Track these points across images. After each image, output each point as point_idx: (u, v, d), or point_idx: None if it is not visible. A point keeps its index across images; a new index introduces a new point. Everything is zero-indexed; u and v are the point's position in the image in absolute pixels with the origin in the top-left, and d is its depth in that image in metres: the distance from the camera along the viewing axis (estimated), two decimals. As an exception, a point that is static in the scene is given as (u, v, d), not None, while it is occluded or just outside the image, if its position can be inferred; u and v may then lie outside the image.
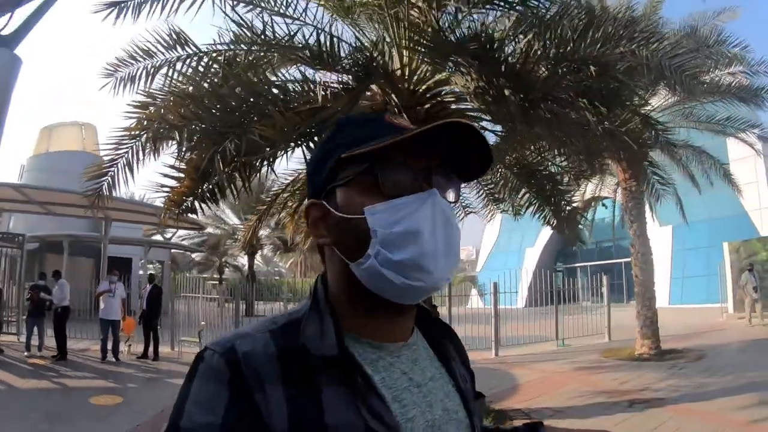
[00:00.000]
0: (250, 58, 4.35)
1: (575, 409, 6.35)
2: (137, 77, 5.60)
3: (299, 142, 4.68)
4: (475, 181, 7.56)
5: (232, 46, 4.68)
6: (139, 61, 5.52)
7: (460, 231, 0.75)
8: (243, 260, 27.97)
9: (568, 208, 7.91)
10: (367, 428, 0.64)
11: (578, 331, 12.57)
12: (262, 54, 4.43)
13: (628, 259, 26.42)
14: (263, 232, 22.31)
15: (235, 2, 4.58)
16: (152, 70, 5.51)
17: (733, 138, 18.84)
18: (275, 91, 4.37)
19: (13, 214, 17.69)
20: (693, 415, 5.78)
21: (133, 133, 5.13)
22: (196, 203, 5.22)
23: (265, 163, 4.80)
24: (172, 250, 21.93)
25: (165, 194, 5.45)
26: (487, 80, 4.15)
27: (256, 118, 4.07)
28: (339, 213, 0.72)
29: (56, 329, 9.82)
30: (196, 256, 31.06)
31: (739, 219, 21.13)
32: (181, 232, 21.72)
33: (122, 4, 4.60)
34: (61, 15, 20.73)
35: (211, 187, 5.00)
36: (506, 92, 4.45)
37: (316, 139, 4.53)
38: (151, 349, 10.36)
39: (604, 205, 19.19)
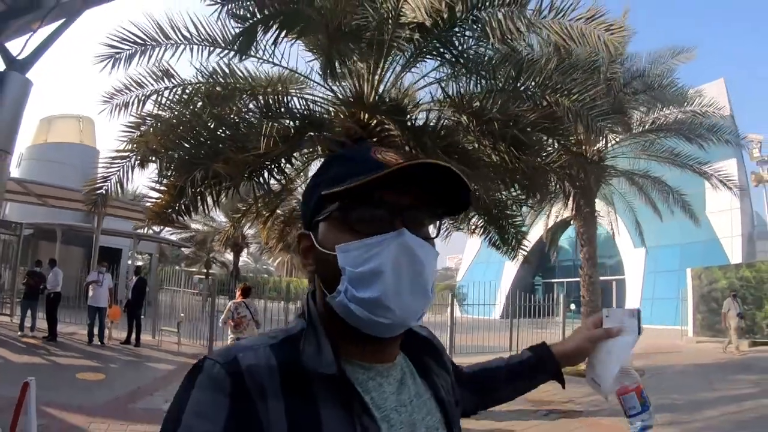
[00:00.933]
0: (215, 110, 5.66)
1: (493, 413, 7.46)
2: (131, 103, 6.94)
3: (252, 177, 6.01)
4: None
5: (209, 80, 6.06)
6: (132, 91, 6.86)
7: (431, 268, 0.78)
8: (230, 257, 29.19)
9: (512, 230, 9.12)
10: None
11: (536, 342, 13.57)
12: (224, 98, 5.77)
13: (607, 278, 27.77)
14: (250, 231, 23.51)
15: (207, 53, 5.93)
16: (143, 98, 6.86)
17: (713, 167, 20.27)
18: (228, 132, 5.69)
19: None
20: (599, 428, 6.47)
21: (123, 154, 6.48)
22: (174, 215, 6.54)
23: (228, 190, 6.10)
24: (162, 244, 23.30)
25: (152, 201, 6.81)
26: (402, 130, 5.45)
27: (218, 155, 5.37)
28: (319, 247, 0.78)
29: (48, 313, 11.12)
30: (185, 250, 32.34)
31: (711, 245, 22.32)
32: (169, 227, 23.02)
33: (116, 57, 5.90)
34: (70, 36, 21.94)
35: (186, 202, 6.30)
36: (424, 139, 5.77)
37: (265, 174, 5.87)
38: (133, 336, 11.67)
39: (599, 223, 20.20)
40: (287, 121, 5.58)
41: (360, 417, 0.71)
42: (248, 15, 4.75)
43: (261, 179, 6.01)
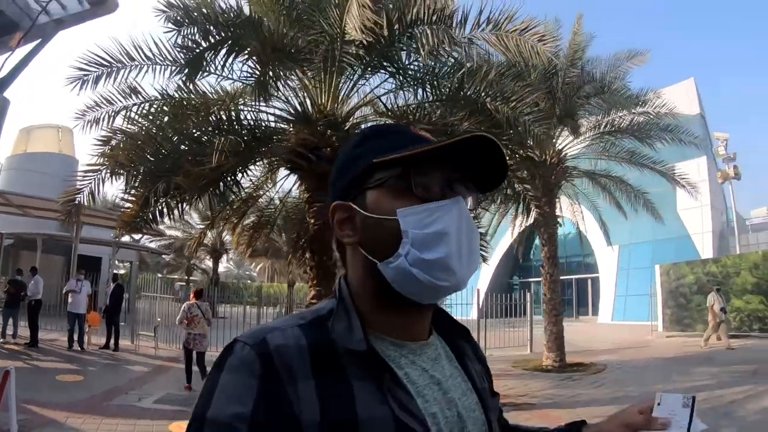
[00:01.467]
0: (176, 125, 6.33)
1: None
2: (101, 119, 7.57)
3: (208, 189, 6.68)
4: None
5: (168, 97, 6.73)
6: (102, 107, 7.49)
7: (479, 236, 0.83)
8: (211, 263, 29.76)
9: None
10: (395, 420, 0.71)
11: (505, 342, 14.19)
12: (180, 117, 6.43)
13: (579, 276, 28.60)
14: (228, 238, 24.09)
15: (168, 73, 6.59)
16: (112, 114, 7.49)
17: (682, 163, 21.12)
18: (187, 146, 6.35)
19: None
20: (547, 419, 6.70)
21: (95, 167, 7.12)
22: (142, 224, 7.20)
23: (191, 200, 6.77)
24: (142, 252, 23.85)
25: (122, 211, 7.46)
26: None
27: (178, 168, 6.03)
28: (369, 214, 0.79)
29: (30, 319, 11.70)
30: (166, 257, 32.91)
31: (683, 241, 23.20)
32: (147, 234, 23.57)
33: (84, 78, 6.54)
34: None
35: (153, 212, 6.95)
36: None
37: (222, 186, 6.55)
38: (112, 341, 12.27)
39: (559, 223, 20.78)
40: (235, 137, 6.19)
41: (393, 391, 0.73)
42: (194, 45, 5.41)
43: (217, 191, 6.67)
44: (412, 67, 6.95)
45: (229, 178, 6.60)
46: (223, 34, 5.37)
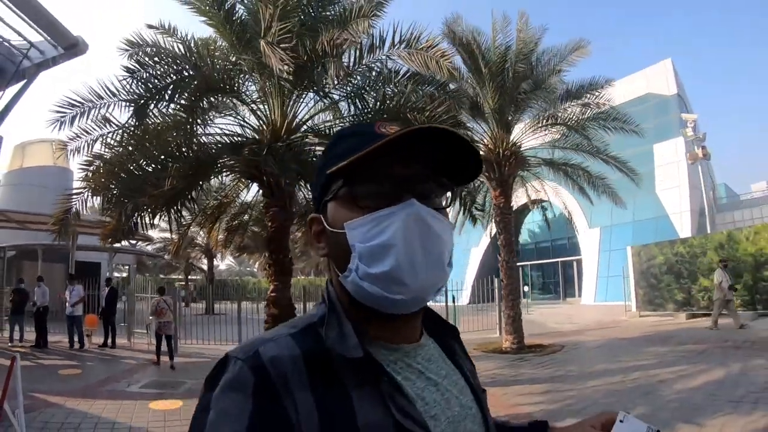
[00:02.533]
0: (138, 152, 7.87)
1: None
2: (82, 147, 9.10)
3: (169, 208, 8.23)
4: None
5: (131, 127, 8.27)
6: (82, 137, 9.01)
7: (446, 238, 0.79)
8: (214, 261, 31.38)
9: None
10: (396, 426, 0.71)
11: (476, 325, 15.57)
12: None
13: (565, 258, 29.95)
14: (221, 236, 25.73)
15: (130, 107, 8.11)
16: (91, 142, 9.01)
17: (661, 145, 22.33)
18: (149, 170, 7.88)
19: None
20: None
21: (78, 189, 8.69)
22: (121, 236, 8.78)
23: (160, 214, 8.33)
24: (140, 255, 25.63)
25: (104, 225, 9.04)
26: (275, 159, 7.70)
27: (143, 190, 7.56)
28: (329, 227, 0.81)
29: (37, 324, 13.39)
30: (165, 258, 34.79)
31: (662, 221, 24.49)
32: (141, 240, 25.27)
33: (62, 120, 8.07)
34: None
35: (128, 226, 8.50)
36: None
37: (179, 204, 8.10)
38: (109, 339, 13.94)
39: (543, 207, 22.07)
40: (182, 163, 7.70)
41: (393, 397, 0.73)
42: (137, 96, 6.98)
43: (175, 208, 8.24)
44: (336, 88, 8.44)
45: (186, 196, 8.14)
46: (170, 78, 6.89)
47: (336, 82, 7.70)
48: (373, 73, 8.39)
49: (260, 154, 7.26)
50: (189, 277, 36.15)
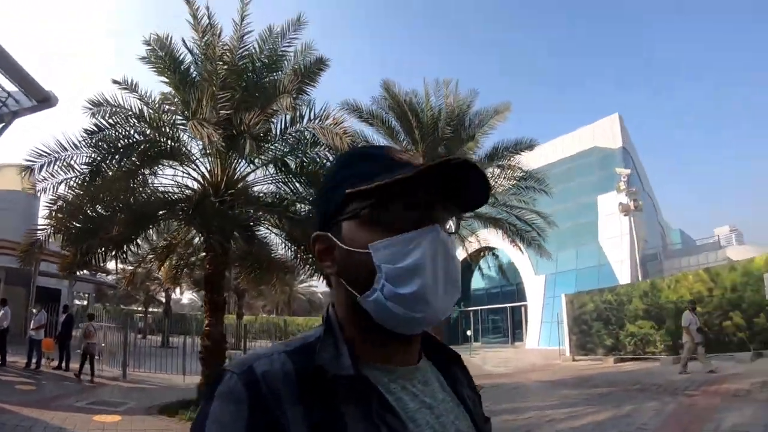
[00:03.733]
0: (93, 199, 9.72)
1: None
2: (48, 189, 10.89)
3: (116, 251, 10.05)
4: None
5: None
6: (47, 180, 10.81)
7: (458, 261, 0.86)
8: (177, 295, 32.86)
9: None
10: None
11: None
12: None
13: (513, 304, 31.97)
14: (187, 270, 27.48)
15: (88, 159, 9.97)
16: (56, 184, 10.81)
17: (605, 196, 24.64)
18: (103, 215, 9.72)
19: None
20: None
21: (42, 226, 10.47)
22: (77, 269, 10.55)
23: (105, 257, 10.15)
24: (103, 282, 27.10)
25: (64, 257, 10.80)
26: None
27: (95, 233, 9.36)
28: (345, 246, 0.83)
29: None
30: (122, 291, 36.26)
31: (604, 269, 26.68)
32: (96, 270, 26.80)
33: (32, 168, 9.89)
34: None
35: (84, 261, 10.25)
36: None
37: (125, 247, 9.93)
38: (63, 363, 15.52)
39: (495, 254, 23.97)
40: (126, 215, 9.56)
41: (384, 417, 0.76)
42: (92, 159, 8.92)
43: (121, 252, 10.08)
44: (261, 154, 10.46)
45: (131, 241, 9.99)
46: (120, 143, 8.87)
47: (255, 154, 9.59)
48: (293, 141, 10.47)
49: (188, 213, 9.17)
50: (149, 309, 37.67)
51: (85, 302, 29.18)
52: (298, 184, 10.64)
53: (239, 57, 10.93)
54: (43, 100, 11.47)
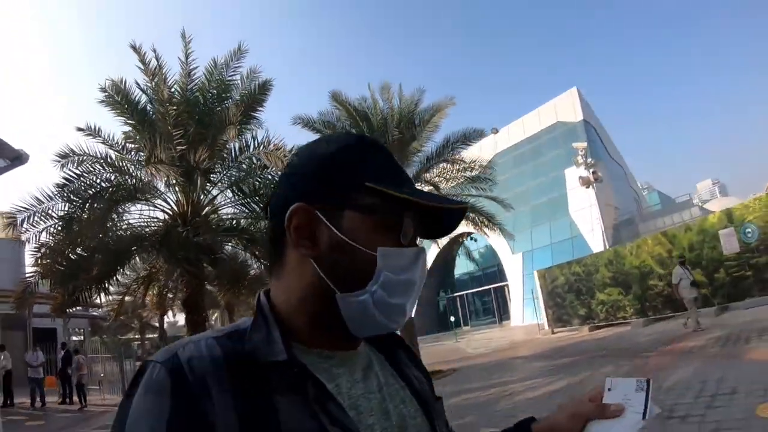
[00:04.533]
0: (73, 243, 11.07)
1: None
2: (31, 238, 12.20)
3: (99, 287, 11.41)
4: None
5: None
6: (30, 230, 12.12)
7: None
8: (170, 319, 34.26)
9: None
10: None
11: None
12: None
13: (497, 285, 33.39)
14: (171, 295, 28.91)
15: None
16: (38, 232, 12.12)
17: (571, 170, 26.04)
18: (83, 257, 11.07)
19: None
20: None
21: (31, 272, 11.80)
22: (66, 309, 11.89)
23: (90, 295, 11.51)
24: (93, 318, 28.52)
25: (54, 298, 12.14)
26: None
27: (77, 275, 10.70)
28: (344, 237, 0.80)
29: (4, 387, 16.24)
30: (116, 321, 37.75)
31: (577, 240, 27.99)
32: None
33: (14, 222, 11.20)
34: None
35: (71, 300, 11.58)
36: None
37: (106, 284, 11.30)
38: (67, 398, 16.91)
39: (473, 239, 25.12)
40: (103, 256, 10.91)
41: (323, 404, 0.74)
42: (65, 212, 10.29)
43: (102, 288, 11.44)
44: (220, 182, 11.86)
45: (110, 277, 11.35)
46: (90, 192, 10.29)
47: (206, 187, 10.98)
48: (246, 167, 11.85)
49: (156, 246, 10.56)
50: (144, 336, 39.08)
51: (82, 337, 30.45)
52: (254, 205, 11.98)
53: (189, 92, 12.29)
54: (15, 159, 12.71)
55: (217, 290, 14.92)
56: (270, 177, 11.70)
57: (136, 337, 40.19)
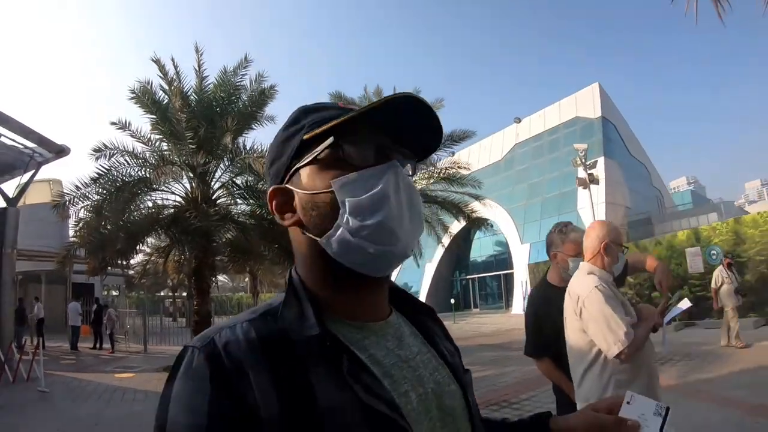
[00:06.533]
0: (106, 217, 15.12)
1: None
2: (73, 211, 16.19)
3: (122, 258, 15.44)
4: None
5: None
6: (70, 205, 16.08)
7: (421, 199, 0.95)
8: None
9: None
10: (363, 406, 0.78)
11: None
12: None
13: (507, 271, 36.34)
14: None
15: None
16: (79, 209, 16.10)
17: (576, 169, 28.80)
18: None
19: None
20: None
21: (72, 241, 15.90)
22: (98, 270, 15.98)
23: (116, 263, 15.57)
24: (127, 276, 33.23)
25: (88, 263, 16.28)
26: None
27: (107, 245, 14.66)
28: (304, 191, 0.90)
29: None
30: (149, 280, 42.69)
31: None
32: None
33: (58, 204, 15.23)
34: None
35: (104, 265, 15.59)
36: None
37: (127, 256, 15.27)
38: (98, 344, 21.37)
39: (490, 224, 28.15)
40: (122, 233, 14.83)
41: (357, 375, 0.81)
42: (97, 198, 14.27)
43: (125, 260, 15.40)
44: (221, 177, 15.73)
45: (132, 251, 15.35)
46: (117, 183, 14.26)
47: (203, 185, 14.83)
48: (240, 166, 15.71)
49: (167, 228, 14.47)
50: (176, 294, 44.13)
51: (117, 292, 35.18)
52: (247, 197, 15.81)
53: (201, 98, 16.15)
54: (59, 152, 16.77)
55: (227, 259, 18.49)
56: (258, 175, 15.41)
57: (170, 294, 45.37)
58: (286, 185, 0.94)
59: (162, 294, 45.86)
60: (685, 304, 3.00)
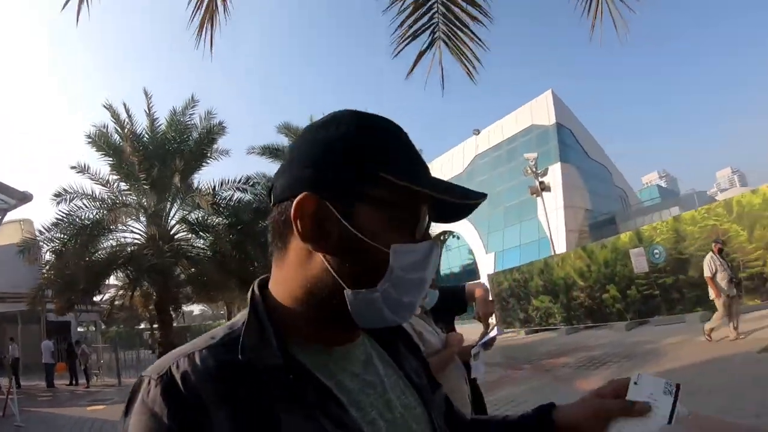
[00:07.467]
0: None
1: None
2: (41, 255, 17.76)
3: (85, 298, 17.00)
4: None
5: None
6: (37, 251, 17.68)
7: None
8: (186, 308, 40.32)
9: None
10: None
11: None
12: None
13: (477, 281, 37.59)
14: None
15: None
16: (46, 251, 17.69)
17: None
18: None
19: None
20: None
21: (40, 285, 17.44)
22: (66, 310, 17.50)
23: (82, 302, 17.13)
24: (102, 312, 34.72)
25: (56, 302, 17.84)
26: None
27: (71, 287, 16.19)
28: (356, 232, 0.81)
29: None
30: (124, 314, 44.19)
31: (543, 242, 32.14)
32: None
33: (23, 250, 16.79)
34: None
35: (72, 302, 17.12)
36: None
37: (91, 295, 16.83)
38: (74, 380, 22.85)
39: (455, 236, 29.60)
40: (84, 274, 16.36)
41: (323, 405, 0.79)
42: (58, 241, 15.78)
43: (89, 299, 16.98)
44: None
45: (96, 288, 16.90)
46: (76, 227, 15.84)
47: (167, 217, 16.43)
48: (191, 204, 17.29)
49: (124, 266, 16.06)
50: (154, 325, 45.49)
51: (93, 328, 36.58)
52: (200, 232, 17.44)
53: (153, 139, 17.73)
54: (22, 199, 18.37)
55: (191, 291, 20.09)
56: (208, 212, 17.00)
57: (148, 327, 46.86)
58: (327, 203, 0.81)
59: (141, 327, 47.37)
60: (494, 332, 3.53)
